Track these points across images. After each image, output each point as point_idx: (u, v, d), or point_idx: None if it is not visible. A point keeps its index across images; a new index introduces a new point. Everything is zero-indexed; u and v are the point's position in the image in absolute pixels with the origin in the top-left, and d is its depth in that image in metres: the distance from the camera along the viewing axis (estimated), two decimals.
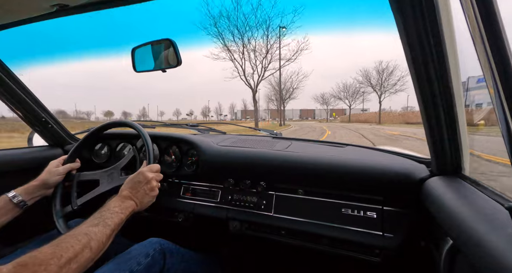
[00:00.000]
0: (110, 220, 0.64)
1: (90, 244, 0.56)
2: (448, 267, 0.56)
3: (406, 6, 0.49)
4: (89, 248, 0.55)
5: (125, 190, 0.76)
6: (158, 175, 0.84)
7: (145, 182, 0.78)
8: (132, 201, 0.73)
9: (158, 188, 0.82)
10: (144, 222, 1.25)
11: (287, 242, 0.94)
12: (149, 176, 0.79)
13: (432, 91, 0.58)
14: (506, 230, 0.39)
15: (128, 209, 0.70)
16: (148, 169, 0.82)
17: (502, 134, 0.39)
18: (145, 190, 0.77)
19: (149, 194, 0.78)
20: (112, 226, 0.63)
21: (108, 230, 0.61)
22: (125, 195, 0.74)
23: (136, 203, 0.74)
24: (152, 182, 0.79)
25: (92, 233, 0.58)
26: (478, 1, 0.35)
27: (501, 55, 0.35)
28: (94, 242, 0.57)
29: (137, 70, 1.01)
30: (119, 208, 0.68)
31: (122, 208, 0.69)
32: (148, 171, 0.81)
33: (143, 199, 0.77)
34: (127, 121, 0.98)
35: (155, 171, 0.83)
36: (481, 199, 0.53)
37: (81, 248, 0.53)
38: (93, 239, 0.57)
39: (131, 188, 0.76)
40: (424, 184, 0.72)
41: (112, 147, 1.24)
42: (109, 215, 0.65)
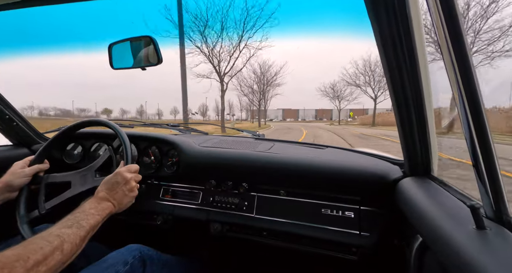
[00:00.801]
0: (85, 221, 0.60)
1: (63, 246, 0.52)
2: (418, 263, 0.59)
3: (382, 18, 0.52)
4: (60, 251, 0.51)
5: (101, 191, 0.72)
6: (137, 176, 0.80)
7: (123, 182, 0.74)
8: (110, 203, 0.69)
9: (137, 189, 0.79)
10: (121, 226, 1.20)
11: (268, 243, 0.94)
12: (127, 177, 0.76)
13: (405, 97, 0.62)
14: (468, 226, 0.42)
15: (105, 210, 0.67)
16: (126, 169, 0.78)
17: (465, 137, 0.42)
18: (124, 191, 0.74)
19: (128, 195, 0.75)
20: (87, 227, 0.59)
21: (83, 231, 0.58)
22: (102, 197, 0.70)
23: (114, 205, 0.70)
24: (131, 183, 0.76)
25: (64, 234, 0.54)
26: (446, 17, 0.38)
27: (464, 63, 0.38)
28: (67, 245, 0.53)
29: (114, 67, 0.97)
30: (95, 210, 0.64)
31: (99, 209, 0.65)
32: (126, 172, 0.77)
33: (122, 200, 0.73)
34: (102, 119, 0.93)
35: (134, 172, 0.80)
36: (447, 198, 0.56)
37: (51, 251, 0.50)
38: (66, 241, 0.53)
39: (108, 189, 0.72)
40: (398, 184, 0.76)
41: (86, 147, 1.18)
42: (83, 216, 0.61)
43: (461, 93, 0.39)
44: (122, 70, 0.99)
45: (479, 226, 0.40)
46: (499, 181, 0.40)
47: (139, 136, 1.12)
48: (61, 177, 0.87)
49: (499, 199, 0.41)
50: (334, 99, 40.49)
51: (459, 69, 0.38)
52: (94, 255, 0.72)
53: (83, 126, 0.95)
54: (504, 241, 0.38)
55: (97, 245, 0.87)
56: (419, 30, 0.54)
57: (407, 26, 0.52)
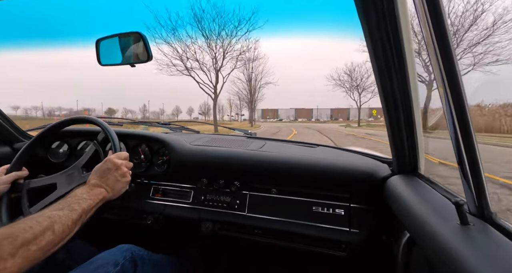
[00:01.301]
0: (77, 205, 0.58)
1: (53, 227, 0.50)
2: (405, 259, 0.61)
3: (372, 22, 0.54)
4: (51, 231, 0.50)
5: (93, 179, 0.70)
6: (127, 163, 0.78)
7: (114, 168, 0.72)
8: (102, 189, 0.68)
9: (129, 174, 0.77)
10: (111, 226, 1.17)
11: (259, 241, 0.94)
12: (118, 162, 0.74)
13: (394, 98, 0.64)
14: (452, 222, 0.43)
15: (98, 196, 0.65)
16: (116, 156, 0.76)
17: (450, 137, 0.44)
18: (116, 176, 0.72)
19: (121, 180, 0.73)
20: (79, 210, 0.57)
21: (75, 214, 0.56)
22: (94, 183, 0.68)
23: (107, 190, 0.69)
24: (122, 168, 0.74)
25: (55, 216, 0.52)
26: (433, 22, 0.39)
27: (449, 66, 0.40)
28: (58, 225, 0.51)
29: (102, 64, 0.94)
30: (87, 195, 0.62)
31: (91, 194, 0.63)
32: (116, 158, 0.75)
33: (115, 186, 0.71)
34: (88, 116, 0.91)
35: (124, 159, 0.78)
36: (433, 195, 0.58)
37: (41, 230, 0.48)
38: (57, 222, 0.51)
39: (100, 177, 0.70)
40: (386, 182, 0.78)
41: (72, 145, 1.14)
42: (75, 200, 0.59)
43: (447, 95, 0.40)
44: (112, 66, 0.97)
45: (463, 222, 0.42)
46: (481, 179, 0.42)
47: (128, 134, 1.10)
48: (45, 181, 0.83)
49: (482, 196, 0.43)
50: (352, 90, 29.93)
51: (445, 71, 0.40)
52: (82, 256, 0.70)
53: (68, 124, 0.91)
54: (486, 236, 0.40)
55: (86, 245, 0.85)
56: (407, 33, 0.55)
57: (396, 29, 0.54)
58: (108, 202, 0.69)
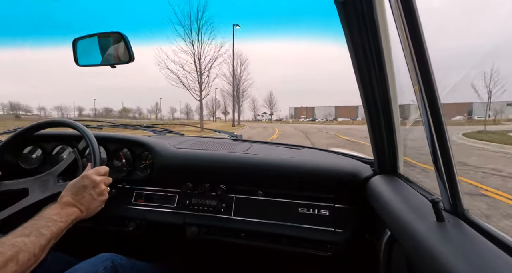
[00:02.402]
0: (46, 229, 0.54)
1: (18, 257, 0.46)
2: (387, 256, 0.63)
3: (353, 25, 0.56)
4: (15, 262, 0.46)
5: (65, 196, 0.65)
6: (107, 178, 0.74)
7: (91, 186, 0.68)
8: (75, 208, 0.63)
9: (108, 192, 0.74)
10: (89, 234, 1.12)
11: (246, 243, 0.94)
12: (96, 179, 0.70)
13: (374, 101, 0.66)
14: (429, 219, 0.46)
15: (70, 216, 0.61)
16: (94, 171, 0.72)
17: (426, 139, 0.46)
18: (92, 195, 0.68)
19: (97, 199, 0.69)
20: (48, 235, 0.53)
21: (43, 240, 0.52)
22: (66, 202, 0.64)
23: (81, 210, 0.64)
24: (100, 186, 0.70)
25: (20, 243, 0.48)
26: (409, 24, 0.41)
27: (425, 71, 0.42)
28: (23, 254, 0.47)
29: (79, 64, 0.90)
30: (57, 216, 0.58)
31: (62, 215, 0.59)
32: (95, 174, 0.71)
33: (90, 205, 0.67)
34: (65, 119, 0.86)
35: (103, 174, 0.74)
36: (412, 194, 0.61)
37: (3, 261, 0.44)
38: (22, 250, 0.48)
39: (74, 194, 0.66)
40: (368, 182, 0.80)
41: (47, 150, 1.08)
42: (44, 223, 0.55)
43: (423, 99, 0.42)
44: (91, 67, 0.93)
45: (439, 218, 0.44)
46: (455, 177, 0.44)
47: (108, 137, 1.06)
48: (16, 184, 0.78)
49: (455, 194, 0.46)
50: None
51: (421, 75, 0.42)
52: (57, 268, 0.66)
53: (42, 128, 0.86)
54: (460, 231, 0.42)
55: (62, 256, 0.80)
56: (386, 39, 0.58)
57: (375, 33, 0.56)
58: (80, 221, 0.65)
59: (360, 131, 15.98)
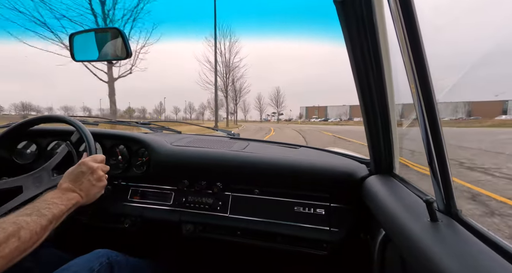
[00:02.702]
0: (47, 210, 0.54)
1: (19, 233, 0.47)
2: (381, 255, 0.64)
3: (351, 25, 0.56)
4: (16, 238, 0.46)
5: (64, 183, 0.65)
6: (104, 166, 0.74)
7: (89, 172, 0.68)
8: (76, 193, 0.63)
9: (105, 178, 0.73)
10: (84, 230, 1.11)
11: (241, 242, 0.94)
12: (93, 166, 0.69)
13: (372, 102, 0.66)
14: (423, 219, 0.46)
15: (71, 201, 0.61)
16: (91, 159, 0.72)
17: (422, 138, 0.47)
18: (91, 180, 0.68)
19: (96, 185, 0.69)
20: (49, 216, 0.53)
21: (44, 220, 0.52)
22: (66, 188, 0.64)
23: (81, 195, 0.64)
24: (98, 172, 0.70)
25: (22, 222, 0.49)
26: (407, 25, 0.41)
27: (423, 73, 0.42)
28: (25, 232, 0.48)
29: (76, 59, 0.89)
30: (58, 200, 0.58)
31: (63, 199, 0.59)
32: (92, 161, 0.71)
33: (89, 190, 0.67)
34: (59, 115, 0.85)
35: (100, 161, 0.74)
36: (406, 194, 0.61)
37: (5, 237, 0.45)
38: (24, 228, 0.48)
39: (73, 181, 0.66)
40: (364, 182, 0.81)
41: (42, 145, 1.07)
42: (45, 205, 0.55)
43: (420, 102, 0.43)
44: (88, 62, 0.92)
45: (433, 219, 0.45)
46: (449, 178, 0.45)
47: (104, 134, 1.05)
48: (9, 183, 0.76)
49: (449, 194, 0.46)
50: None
51: (418, 77, 0.42)
52: (52, 264, 0.65)
53: (36, 123, 0.86)
54: (453, 231, 0.42)
55: (56, 252, 0.79)
56: (384, 39, 0.58)
57: (374, 34, 0.56)
58: (81, 207, 0.66)
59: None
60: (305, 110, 78.41)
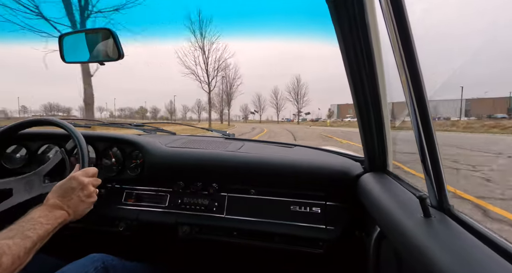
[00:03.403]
0: (32, 231, 0.52)
1: (1, 260, 0.45)
2: (376, 252, 0.65)
3: (344, 24, 0.56)
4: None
5: (52, 198, 0.63)
6: (95, 180, 0.73)
7: (79, 188, 0.66)
8: (63, 211, 0.62)
9: (96, 194, 0.72)
10: (77, 235, 1.09)
11: (238, 242, 0.94)
12: (84, 181, 0.68)
13: (365, 100, 0.67)
14: (416, 215, 0.47)
15: (58, 219, 0.59)
16: (82, 173, 0.70)
17: (414, 135, 0.47)
18: (80, 197, 0.66)
19: (85, 201, 0.67)
20: (34, 238, 0.52)
21: (28, 242, 0.50)
22: (53, 204, 0.62)
23: (69, 213, 0.63)
24: (88, 187, 0.68)
25: (4, 246, 0.47)
26: (398, 25, 0.42)
27: (414, 71, 0.43)
28: (7, 258, 0.46)
29: (66, 61, 0.88)
30: (44, 219, 0.57)
31: (49, 218, 0.57)
32: (83, 175, 0.69)
33: (78, 207, 0.65)
34: (51, 118, 0.83)
35: (92, 175, 0.72)
36: (400, 191, 0.62)
37: None
38: (6, 254, 0.46)
39: (61, 196, 0.64)
40: (359, 180, 0.82)
41: (32, 149, 1.04)
42: (30, 225, 0.53)
43: (412, 98, 0.43)
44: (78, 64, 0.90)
45: (426, 215, 0.46)
46: (441, 175, 0.46)
47: (97, 136, 1.03)
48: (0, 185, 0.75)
49: (441, 190, 0.47)
50: None
51: (410, 76, 0.42)
52: (45, 271, 0.64)
53: (26, 127, 0.84)
54: (445, 226, 0.43)
55: (49, 258, 0.78)
56: (376, 38, 0.59)
57: (366, 34, 0.57)
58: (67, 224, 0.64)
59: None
60: (337, 108, 63.12)
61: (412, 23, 0.41)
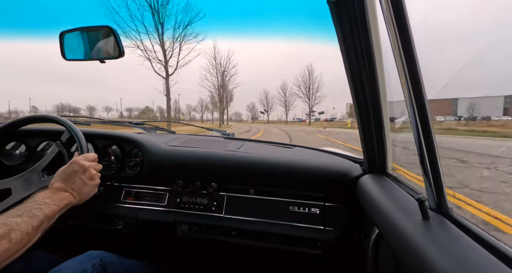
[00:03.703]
0: (39, 210, 0.53)
1: (10, 235, 0.46)
2: (374, 253, 0.65)
3: (345, 25, 0.56)
4: (7, 240, 0.46)
5: (56, 182, 0.64)
6: (96, 164, 0.73)
7: (81, 170, 0.67)
8: (68, 193, 0.62)
9: (98, 177, 0.72)
10: (76, 232, 1.09)
11: (236, 242, 0.94)
12: (85, 164, 0.68)
13: (365, 103, 0.67)
14: (415, 217, 0.47)
15: (63, 201, 0.60)
16: (83, 157, 0.71)
17: (414, 137, 0.47)
18: (83, 179, 0.66)
19: (88, 184, 0.67)
20: (41, 217, 0.53)
21: (35, 221, 0.51)
22: (58, 187, 0.62)
23: (74, 195, 0.63)
24: (90, 170, 0.69)
25: (13, 223, 0.48)
26: (399, 26, 0.41)
27: (413, 67, 0.42)
28: (16, 233, 0.47)
29: (67, 58, 0.88)
30: (50, 200, 0.57)
31: (55, 199, 0.58)
32: (84, 160, 0.70)
33: (82, 189, 0.66)
34: (49, 115, 0.84)
35: (92, 160, 0.73)
36: (399, 193, 0.62)
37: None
38: (15, 230, 0.47)
39: (65, 180, 0.64)
40: (358, 181, 0.82)
41: (31, 146, 1.04)
42: (36, 205, 0.54)
43: (412, 100, 0.43)
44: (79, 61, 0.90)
45: (425, 217, 0.46)
46: (440, 177, 0.46)
47: (97, 134, 1.03)
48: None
49: (440, 193, 0.47)
50: None
51: (410, 79, 0.42)
52: (43, 266, 0.64)
53: (25, 123, 0.84)
54: (444, 229, 0.43)
55: (47, 254, 0.78)
56: (376, 39, 0.58)
57: (367, 36, 0.57)
58: (73, 207, 0.64)
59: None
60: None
61: (412, 26, 0.40)
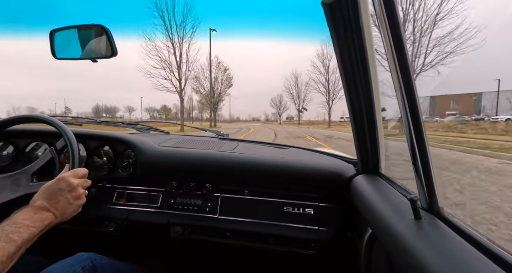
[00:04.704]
0: (17, 235, 0.51)
1: None
2: (367, 253, 0.65)
3: (339, 27, 0.57)
4: None
5: (39, 200, 0.61)
6: (85, 181, 0.71)
7: (68, 189, 0.64)
8: (49, 213, 0.60)
9: (85, 196, 0.70)
10: (65, 235, 1.07)
11: (231, 243, 0.94)
12: (73, 182, 0.66)
13: (359, 104, 0.68)
14: (407, 217, 0.47)
15: (44, 221, 0.57)
16: (72, 174, 0.68)
17: (406, 140, 0.48)
18: (68, 199, 0.64)
19: (73, 204, 0.65)
20: (19, 242, 0.50)
21: (12, 247, 0.49)
22: (40, 206, 0.60)
23: (55, 215, 0.61)
24: (77, 189, 0.66)
25: None
26: (391, 28, 0.42)
27: (405, 68, 0.43)
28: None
29: (57, 57, 0.86)
30: (30, 221, 0.55)
31: (35, 220, 0.56)
32: (72, 176, 0.67)
33: (66, 209, 0.63)
34: (40, 115, 0.81)
35: (81, 177, 0.70)
36: (392, 193, 0.63)
37: None
38: None
39: (48, 198, 0.62)
40: (352, 181, 0.82)
41: (20, 147, 1.01)
42: (14, 229, 0.52)
43: (405, 104, 0.44)
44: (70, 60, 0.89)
45: (416, 217, 0.46)
46: (431, 177, 0.46)
47: (88, 134, 1.01)
48: None
49: (432, 193, 0.48)
50: None
51: (403, 81, 0.43)
52: (31, 271, 0.62)
53: (14, 123, 0.81)
54: (435, 229, 0.44)
55: (36, 258, 0.76)
56: (370, 41, 0.59)
57: (360, 39, 0.58)
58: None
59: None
60: (431, 101, 26.94)
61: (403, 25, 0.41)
